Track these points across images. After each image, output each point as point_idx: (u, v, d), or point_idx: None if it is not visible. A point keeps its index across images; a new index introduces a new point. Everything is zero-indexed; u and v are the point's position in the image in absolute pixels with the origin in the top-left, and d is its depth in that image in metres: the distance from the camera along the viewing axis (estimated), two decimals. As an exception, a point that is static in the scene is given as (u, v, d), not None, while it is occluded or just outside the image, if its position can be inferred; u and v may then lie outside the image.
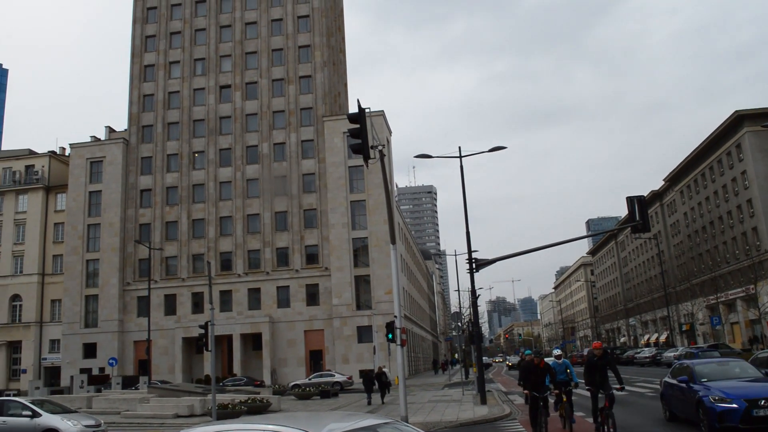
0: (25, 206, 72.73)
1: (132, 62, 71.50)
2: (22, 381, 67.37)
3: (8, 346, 70.65)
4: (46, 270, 71.37)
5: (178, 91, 69.92)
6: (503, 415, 22.96)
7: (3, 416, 19.89)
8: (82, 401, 33.21)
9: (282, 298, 63.58)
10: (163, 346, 63.66)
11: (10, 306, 71.19)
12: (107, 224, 66.93)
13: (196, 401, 29.39)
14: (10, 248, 72.04)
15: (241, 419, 7.78)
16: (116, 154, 68.58)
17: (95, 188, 68.23)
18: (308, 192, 65.34)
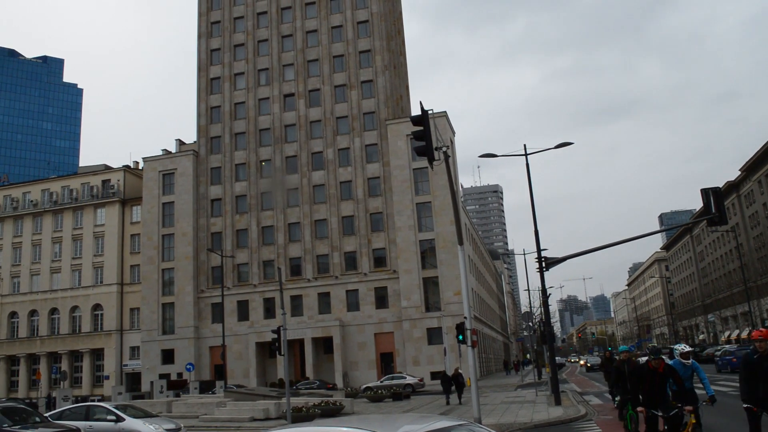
0: (102, 219, 75.68)
1: (198, 76, 73.50)
2: (105, 387, 70.08)
3: (92, 353, 73.62)
4: (124, 280, 74.04)
5: (243, 102, 71.47)
6: (579, 416, 22.53)
7: (89, 421, 20.64)
8: (163, 406, 34.20)
9: (351, 301, 64.11)
10: (238, 351, 65.07)
11: (92, 315, 74.20)
12: (180, 234, 68.94)
13: (271, 405, 29.89)
14: (91, 260, 75.11)
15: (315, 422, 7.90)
16: (187, 165, 70.59)
17: (168, 199, 70.42)
18: (374, 196, 65.73)
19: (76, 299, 75.04)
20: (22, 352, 75.74)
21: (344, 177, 66.72)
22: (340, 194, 66.31)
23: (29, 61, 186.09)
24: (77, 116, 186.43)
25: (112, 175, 77.99)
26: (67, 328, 74.83)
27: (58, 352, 74.37)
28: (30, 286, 77.23)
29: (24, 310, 76.89)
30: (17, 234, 79.06)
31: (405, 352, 60.94)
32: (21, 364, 75.85)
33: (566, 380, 54.36)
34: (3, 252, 79.23)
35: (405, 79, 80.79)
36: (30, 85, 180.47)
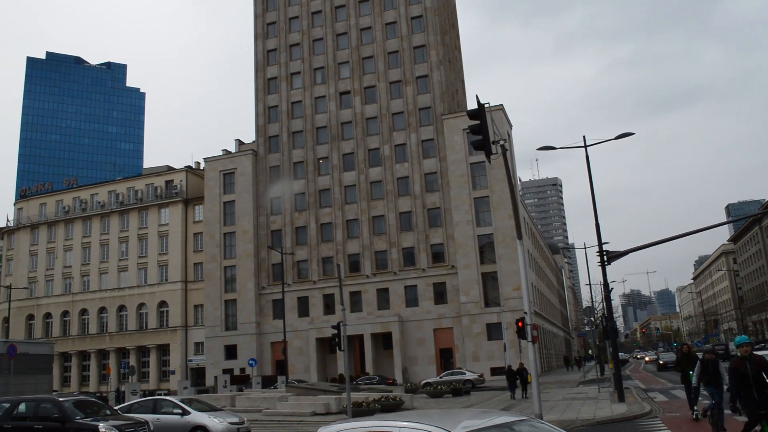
0: (166, 219, 77.73)
1: (256, 76, 74.65)
2: (171, 381, 72.01)
3: (158, 349, 75.76)
4: (188, 277, 75.89)
5: (300, 101, 72.25)
6: (643, 413, 22.03)
7: (157, 414, 21.28)
8: (226, 400, 34.92)
9: (410, 297, 64.16)
10: (298, 346, 65.94)
11: (158, 312, 76.33)
12: (241, 232, 70.23)
13: (331, 399, 30.19)
14: (156, 258, 77.26)
15: (376, 416, 7.94)
16: (246, 165, 71.82)
17: (229, 198, 71.81)
18: (431, 191, 65.59)
19: (142, 296, 77.32)
20: (92, 348, 78.52)
21: (401, 173, 66.78)
22: (397, 190, 66.40)
23: (94, 67, 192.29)
24: (140, 119, 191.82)
25: (174, 175, 80.00)
26: (135, 324, 77.19)
27: (126, 347, 76.82)
28: (99, 284, 79.99)
29: (94, 308, 79.68)
30: (86, 234, 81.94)
31: (464, 347, 60.68)
32: (92, 359, 78.66)
33: (630, 377, 53.23)
34: (73, 252, 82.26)
35: (460, 74, 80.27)
36: (95, 90, 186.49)
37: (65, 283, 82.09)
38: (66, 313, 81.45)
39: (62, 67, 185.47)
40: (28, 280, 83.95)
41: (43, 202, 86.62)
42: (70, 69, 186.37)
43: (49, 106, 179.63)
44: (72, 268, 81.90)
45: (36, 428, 17.64)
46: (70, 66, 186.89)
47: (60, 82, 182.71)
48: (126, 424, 17.40)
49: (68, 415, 17.37)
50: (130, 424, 17.61)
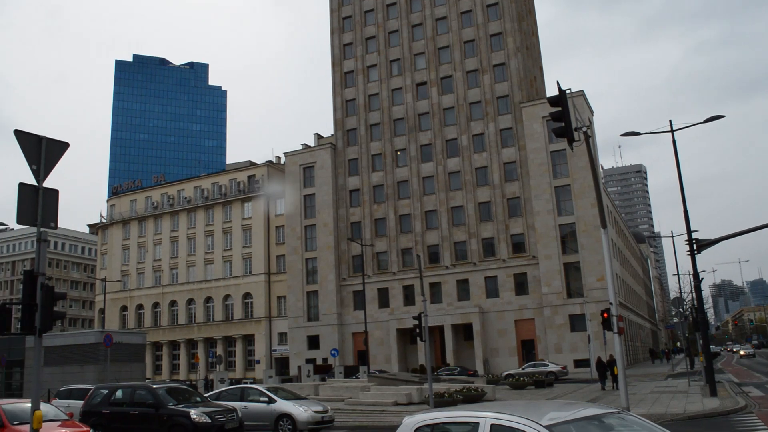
0: (249, 213, 79.78)
1: (333, 71, 75.48)
2: (256, 370, 74.02)
3: (243, 339, 77.99)
4: (271, 269, 77.69)
5: (377, 93, 72.60)
6: (737, 408, 21.15)
7: (244, 401, 21.95)
8: (310, 389, 35.54)
9: (490, 288, 63.64)
10: (379, 337, 66.51)
11: (243, 303, 78.54)
12: (322, 224, 71.32)
13: (413, 390, 30.29)
14: (240, 251, 79.47)
15: (458, 407, 7.92)
16: (325, 158, 72.81)
17: (309, 192, 73.02)
18: (510, 180, 64.76)
19: (228, 288, 79.72)
20: (182, 338, 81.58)
21: (479, 163, 66.20)
22: (476, 180, 65.89)
23: (178, 67, 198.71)
24: (222, 117, 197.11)
25: (256, 170, 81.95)
26: (221, 315, 79.69)
27: (214, 337, 79.42)
28: (187, 276, 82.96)
29: (182, 299, 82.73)
30: (174, 229, 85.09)
31: (546, 339, 59.75)
32: (181, 349, 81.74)
33: (722, 370, 51.18)
34: (162, 245, 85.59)
35: (538, 61, 78.75)
36: (179, 90, 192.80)
37: (155, 276, 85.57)
38: (157, 305, 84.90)
39: (148, 68, 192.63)
40: (121, 273, 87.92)
41: (134, 198, 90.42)
42: (156, 70, 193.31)
43: (136, 106, 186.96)
44: (161, 262, 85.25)
45: (132, 413, 18.51)
46: (155, 67, 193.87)
47: (146, 83, 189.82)
48: (216, 411, 18.02)
49: (162, 402, 18.13)
50: (220, 411, 18.22)
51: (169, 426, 17.56)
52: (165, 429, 17.65)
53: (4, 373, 52.59)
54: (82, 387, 27.16)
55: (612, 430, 6.32)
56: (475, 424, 6.25)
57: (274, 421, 21.23)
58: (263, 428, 21.41)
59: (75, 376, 37.66)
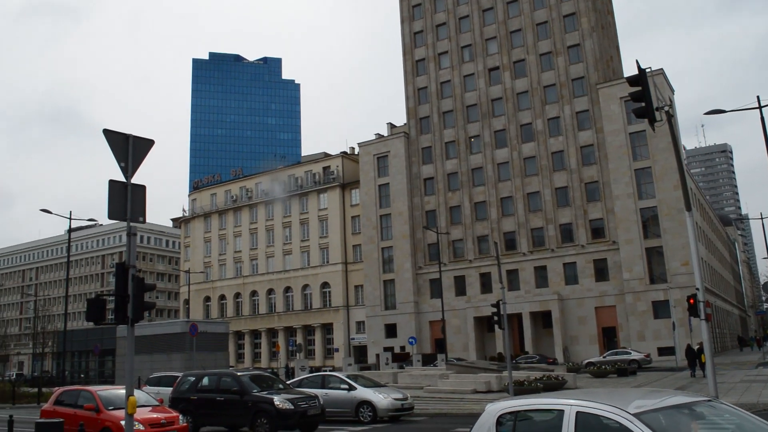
0: (325, 203, 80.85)
1: (404, 59, 75.40)
2: (335, 358, 75.17)
3: (322, 327, 79.28)
4: (348, 259, 78.58)
5: (449, 81, 72.13)
6: (839, 396, 20.08)
7: (325, 389, 22.34)
8: (389, 377, 35.81)
9: (569, 274, 62.48)
10: (456, 325, 66.36)
11: (321, 292, 79.80)
12: (397, 213, 71.59)
13: (492, 378, 30.11)
14: (317, 241, 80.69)
15: (543, 394, 7.83)
16: (399, 147, 72.96)
17: (383, 181, 73.38)
18: (588, 164, 63.26)
19: (306, 278, 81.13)
20: (263, 327, 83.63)
21: (555, 147, 64.92)
22: (552, 165, 64.68)
23: (252, 63, 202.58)
24: (297, 110, 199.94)
25: (331, 161, 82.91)
26: (300, 304, 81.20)
27: (293, 326, 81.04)
28: (266, 267, 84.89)
29: (263, 289, 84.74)
30: (253, 221, 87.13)
31: (628, 326, 58.23)
32: (262, 338, 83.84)
33: (820, 357, 48.66)
34: (242, 237, 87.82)
35: (614, 40, 76.36)
36: (254, 85, 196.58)
37: (236, 267, 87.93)
38: (238, 295, 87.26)
39: (223, 65, 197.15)
40: (204, 264, 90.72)
41: (214, 192, 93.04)
42: (231, 67, 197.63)
43: (214, 103, 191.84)
44: (242, 253, 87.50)
45: (218, 400, 19.13)
46: (230, 64, 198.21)
47: (222, 80, 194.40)
48: (298, 398, 18.41)
49: (246, 388, 18.67)
50: (302, 397, 18.60)
51: (253, 412, 18.04)
52: (250, 415, 18.15)
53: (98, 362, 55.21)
54: (170, 374, 28.25)
55: (703, 419, 6.11)
56: (559, 411, 6.16)
57: (354, 408, 21.52)
58: (344, 415, 21.73)
59: (162, 364, 39.22)
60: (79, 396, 17.30)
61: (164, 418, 15.98)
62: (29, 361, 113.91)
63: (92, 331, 61.61)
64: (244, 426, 18.74)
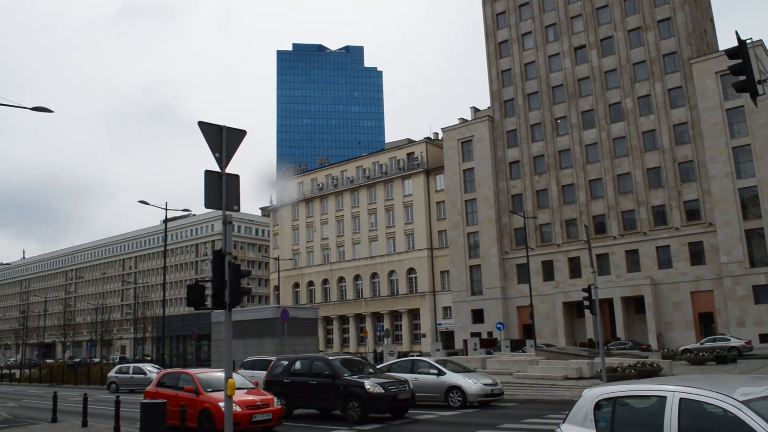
0: (410, 189, 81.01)
1: (487, 42, 74.35)
2: (422, 344, 75.52)
3: (409, 313, 79.72)
4: (433, 245, 78.58)
5: (533, 62, 70.66)
6: None
7: (414, 373, 22.44)
8: (477, 362, 35.69)
9: (662, 258, 60.32)
10: (544, 310, 65.32)
11: (407, 278, 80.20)
12: (482, 198, 70.96)
13: (583, 364, 29.55)
14: (403, 227, 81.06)
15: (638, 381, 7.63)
16: (483, 131, 72.17)
17: (468, 166, 72.84)
18: (681, 143, 60.74)
19: (392, 264, 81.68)
20: (350, 312, 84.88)
21: (646, 126, 62.61)
22: (643, 145, 62.45)
23: (334, 52, 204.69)
24: (379, 97, 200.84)
25: (415, 147, 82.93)
26: (387, 290, 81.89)
27: (380, 312, 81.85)
28: (353, 253, 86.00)
29: (350, 275, 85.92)
30: (339, 208, 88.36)
31: (727, 311, 55.76)
32: (350, 323, 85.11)
33: None
34: (329, 225, 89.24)
35: (708, 12, 72.69)
36: (337, 74, 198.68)
37: (323, 254, 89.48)
38: (326, 281, 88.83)
39: (307, 56, 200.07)
40: (292, 252, 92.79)
41: (300, 181, 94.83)
42: (314, 57, 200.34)
43: (298, 93, 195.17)
44: (328, 240, 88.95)
45: (311, 383, 19.57)
46: (313, 54, 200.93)
47: (306, 70, 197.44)
48: (388, 382, 18.61)
49: (338, 372, 19.02)
50: (392, 382, 18.80)
51: (345, 396, 18.37)
52: (341, 398, 18.48)
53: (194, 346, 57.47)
54: (264, 358, 29.11)
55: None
56: (660, 398, 6.00)
57: (444, 392, 21.56)
58: (433, 400, 21.81)
59: (255, 348, 40.46)
60: (180, 378, 18.08)
61: (260, 400, 16.50)
62: (131, 345, 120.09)
63: (188, 316, 64.13)
64: (335, 409, 19.11)
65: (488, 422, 17.47)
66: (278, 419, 16.72)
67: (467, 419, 18.44)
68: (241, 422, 15.28)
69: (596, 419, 6.58)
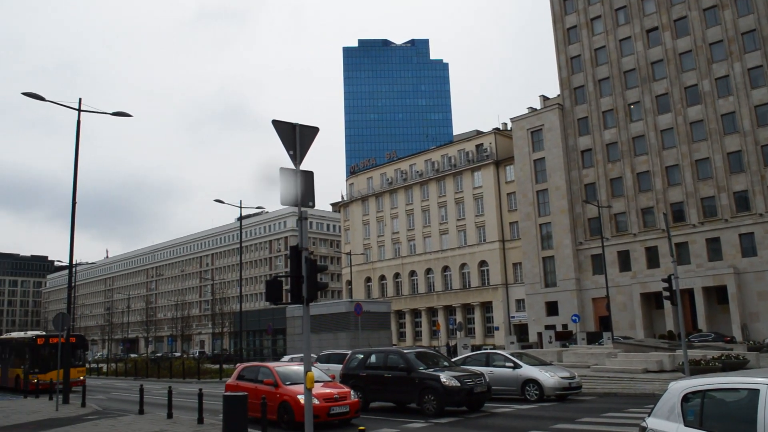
0: (479, 181, 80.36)
1: (555, 28, 72.89)
2: (495, 337, 74.92)
3: (481, 306, 79.20)
4: (505, 236, 77.77)
5: (603, 46, 68.87)
6: None
7: (489, 367, 22.28)
8: (553, 355, 35.19)
9: (746, 246, 57.85)
10: (621, 302, 63.72)
11: (479, 271, 79.67)
12: (554, 188, 69.73)
13: (664, 357, 28.74)
14: (473, 220, 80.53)
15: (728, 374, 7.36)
16: (553, 120, 70.87)
17: (538, 156, 71.70)
18: (764, 125, 58.03)
19: (463, 257, 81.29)
20: (422, 306, 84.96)
21: (725, 108, 60.12)
22: (722, 128, 60.01)
23: (400, 46, 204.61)
24: (446, 89, 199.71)
25: (483, 139, 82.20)
26: (458, 283, 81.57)
27: (452, 305, 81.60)
28: (424, 247, 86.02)
29: (421, 269, 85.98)
30: (409, 202, 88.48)
31: (819, 300, 53.11)
32: (422, 316, 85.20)
33: None
34: (399, 219, 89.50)
35: (793, -14, 69.17)
36: (403, 68, 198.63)
37: (394, 248, 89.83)
38: (397, 275, 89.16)
39: (372, 51, 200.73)
40: (363, 246, 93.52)
41: (370, 176, 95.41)
42: (379, 52, 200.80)
43: (365, 88, 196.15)
44: (399, 234, 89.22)
45: (386, 376, 19.70)
46: (379, 49, 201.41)
47: (372, 66, 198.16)
48: (464, 375, 18.55)
49: (413, 366, 19.08)
50: (468, 375, 18.72)
51: (420, 389, 18.41)
52: (417, 391, 18.53)
53: (270, 340, 58.71)
54: (339, 352, 29.48)
55: None
56: (753, 391, 5.77)
57: (520, 386, 21.35)
58: (509, 393, 21.63)
59: (329, 342, 41.06)
60: (259, 372, 18.51)
61: (337, 393, 16.73)
62: (209, 339, 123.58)
63: (264, 311, 65.65)
64: (411, 402, 19.18)
65: (567, 416, 17.21)
66: (355, 412, 16.91)
67: (545, 413, 18.20)
68: (320, 414, 15.53)
69: (684, 413, 6.39)
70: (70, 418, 19.99)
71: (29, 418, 20.25)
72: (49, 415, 20.90)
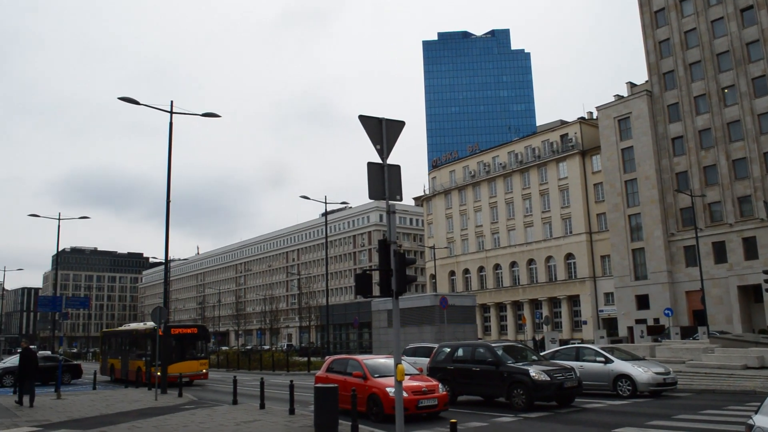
0: (565, 172, 78.69)
1: (641, 12, 70.40)
2: (583, 331, 73.29)
3: (568, 299, 77.64)
4: (592, 228, 75.92)
5: (694, 29, 66.02)
6: None
7: (579, 361, 21.87)
8: (645, 350, 34.12)
9: None
10: (717, 295, 61.09)
11: (565, 264, 78.12)
12: (643, 177, 67.50)
13: (765, 352, 27.36)
14: (558, 212, 79.00)
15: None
16: (641, 107, 68.56)
17: (626, 145, 69.55)
18: None
19: (549, 250, 79.89)
20: (507, 300, 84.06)
21: (831, 90, 56.59)
22: (827, 111, 56.51)
23: (480, 38, 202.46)
24: (529, 79, 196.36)
25: (568, 129, 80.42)
26: (544, 276, 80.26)
27: (538, 299, 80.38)
28: (508, 240, 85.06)
29: (505, 262, 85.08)
30: (492, 195, 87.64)
31: None
32: (507, 310, 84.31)
33: None
34: (482, 212, 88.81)
35: None
36: (483, 59, 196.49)
37: (478, 241, 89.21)
38: (481, 269, 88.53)
39: (452, 43, 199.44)
40: (447, 240, 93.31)
41: (452, 169, 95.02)
42: (459, 44, 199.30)
43: (445, 81, 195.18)
44: (483, 227, 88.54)
45: (474, 370, 19.64)
46: (458, 41, 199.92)
47: (452, 58, 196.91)
48: (554, 370, 18.27)
49: (501, 359, 18.94)
50: (558, 369, 18.43)
51: (509, 383, 18.24)
52: (505, 386, 18.37)
53: (356, 333, 59.45)
54: (425, 345, 29.57)
55: None
56: None
57: (612, 381, 20.87)
58: (600, 388, 21.16)
59: (414, 336, 41.18)
60: (348, 364, 18.79)
61: (425, 386, 16.80)
62: (296, 333, 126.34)
63: (350, 305, 66.56)
64: (500, 396, 19.05)
65: (662, 412, 16.69)
66: (443, 405, 16.93)
67: (638, 409, 17.71)
68: (408, 407, 15.63)
69: (794, 409, 6.11)
70: (168, 407, 20.89)
71: (131, 407, 21.29)
72: (149, 405, 21.90)
